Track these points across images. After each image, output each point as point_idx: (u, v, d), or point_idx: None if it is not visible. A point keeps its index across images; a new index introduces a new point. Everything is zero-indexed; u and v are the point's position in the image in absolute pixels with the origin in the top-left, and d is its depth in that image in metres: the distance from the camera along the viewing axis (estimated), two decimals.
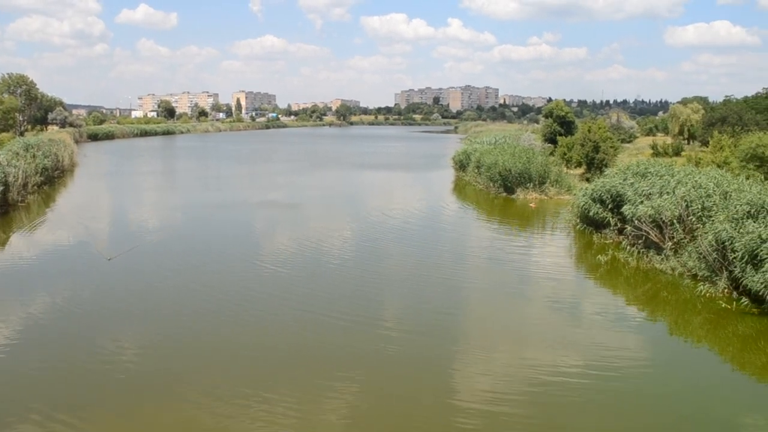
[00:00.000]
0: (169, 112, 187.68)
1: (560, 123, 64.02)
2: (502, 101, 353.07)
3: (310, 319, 17.11)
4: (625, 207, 24.64)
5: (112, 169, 61.71)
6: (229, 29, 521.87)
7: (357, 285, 20.77)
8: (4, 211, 32.42)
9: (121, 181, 52.06)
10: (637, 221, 23.27)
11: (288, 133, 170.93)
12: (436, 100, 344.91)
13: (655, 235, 22.50)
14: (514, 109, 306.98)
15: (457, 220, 35.06)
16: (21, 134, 75.31)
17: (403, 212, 35.75)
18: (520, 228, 31.37)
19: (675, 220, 21.74)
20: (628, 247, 23.86)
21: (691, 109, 72.58)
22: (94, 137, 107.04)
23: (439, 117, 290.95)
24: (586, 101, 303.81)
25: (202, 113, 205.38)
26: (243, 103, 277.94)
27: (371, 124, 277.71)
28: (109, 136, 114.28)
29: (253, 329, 16.51)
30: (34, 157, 43.94)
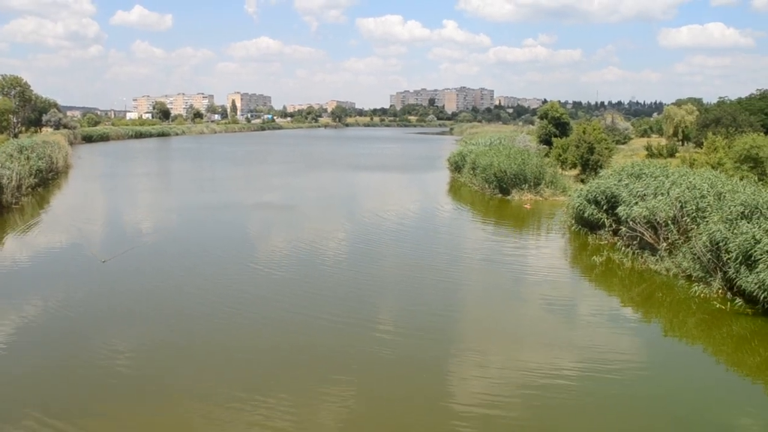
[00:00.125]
0: (164, 114, 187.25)
1: (555, 124, 64.20)
2: (497, 103, 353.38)
3: (305, 322, 17.08)
4: (620, 208, 24.69)
5: (106, 171, 61.51)
6: (225, 31, 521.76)
7: (352, 287, 20.75)
8: None
9: (116, 183, 51.90)
10: (631, 222, 23.32)
11: (283, 135, 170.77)
12: (432, 102, 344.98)
13: (650, 236, 22.55)
14: (510, 111, 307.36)
15: (452, 222, 35.08)
16: (15, 136, 75.12)
17: (399, 214, 35.74)
18: (516, 229, 31.41)
19: (669, 221, 21.80)
20: (623, 248, 23.90)
21: (685, 111, 72.83)
22: (88, 139, 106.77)
23: (435, 118, 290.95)
24: (581, 103, 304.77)
25: (198, 115, 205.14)
26: (238, 104, 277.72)
27: (367, 125, 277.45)
28: (104, 138, 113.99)
29: (248, 332, 16.48)
30: (28, 159, 43.83)
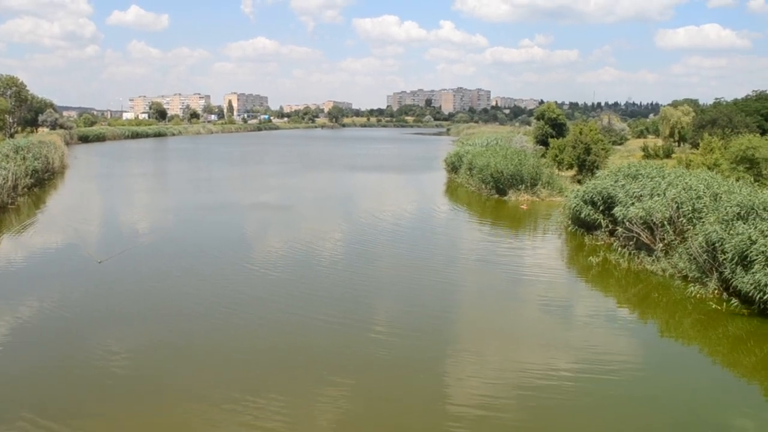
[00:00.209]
0: (161, 114, 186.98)
1: (552, 125, 64.24)
2: (494, 103, 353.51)
3: (302, 322, 17.07)
4: (617, 209, 24.73)
5: (103, 171, 61.39)
6: (221, 31, 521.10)
7: (348, 288, 20.74)
8: None
9: (112, 183, 51.81)
10: (628, 223, 23.36)
11: (280, 135, 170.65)
12: (428, 102, 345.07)
13: (646, 237, 22.60)
14: (506, 111, 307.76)
15: (449, 222, 35.11)
16: (11, 136, 74.86)
17: (395, 214, 35.74)
18: (512, 230, 31.44)
19: (666, 222, 21.85)
20: (620, 248, 23.93)
21: (681, 112, 72.96)
22: (84, 139, 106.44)
23: (431, 119, 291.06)
24: (577, 103, 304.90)
25: (194, 115, 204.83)
26: (235, 104, 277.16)
27: (363, 126, 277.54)
28: (100, 138, 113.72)
29: (245, 332, 16.46)
30: (24, 159, 43.70)
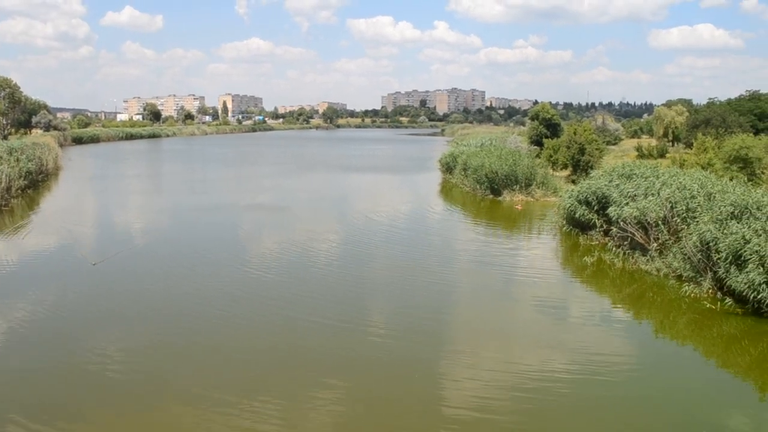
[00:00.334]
0: (155, 115, 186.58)
1: (546, 125, 64.40)
2: (488, 104, 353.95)
3: (297, 324, 17.04)
4: (611, 208, 24.77)
5: (97, 173, 61.19)
6: (215, 32, 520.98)
7: (344, 288, 20.73)
8: None
9: (107, 185, 51.64)
10: (622, 223, 23.41)
11: (274, 136, 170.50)
12: (423, 103, 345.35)
13: (641, 237, 22.64)
14: (501, 112, 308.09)
15: (443, 223, 35.12)
16: (4, 138, 74.50)
17: (390, 215, 35.74)
18: (507, 230, 31.47)
19: (660, 222, 21.90)
20: (614, 248, 23.97)
21: (675, 112, 73.26)
22: (78, 140, 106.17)
23: (426, 120, 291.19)
24: (571, 104, 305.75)
25: (188, 116, 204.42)
26: (229, 106, 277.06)
27: (358, 126, 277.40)
28: (94, 140, 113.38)
29: (240, 334, 16.42)
30: (17, 160, 43.53)
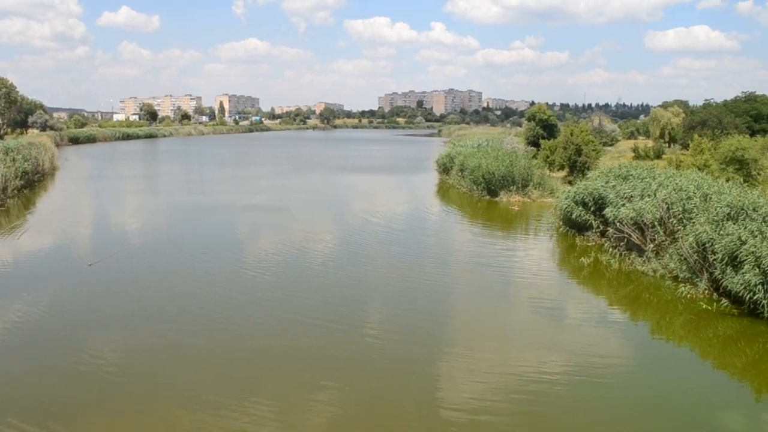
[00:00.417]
0: (152, 116, 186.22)
1: (543, 126, 64.48)
2: (485, 105, 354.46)
3: (293, 325, 17.01)
4: (607, 209, 24.80)
5: (93, 173, 61.05)
6: (212, 32, 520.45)
7: (340, 289, 20.70)
8: None
9: (103, 185, 51.53)
10: (619, 224, 23.44)
11: (271, 137, 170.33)
12: (420, 104, 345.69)
13: (637, 238, 22.67)
14: (498, 113, 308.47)
15: (440, 223, 35.12)
16: (0, 137, 74.35)
17: (387, 215, 35.74)
18: (504, 231, 31.48)
19: (656, 223, 21.93)
20: (611, 249, 23.99)
21: (671, 113, 73.37)
22: (75, 140, 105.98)
23: (423, 120, 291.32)
24: (568, 105, 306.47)
25: (185, 116, 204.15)
26: (226, 106, 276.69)
27: (355, 127, 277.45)
28: (91, 140, 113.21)
29: (235, 335, 16.38)
30: (14, 160, 43.43)
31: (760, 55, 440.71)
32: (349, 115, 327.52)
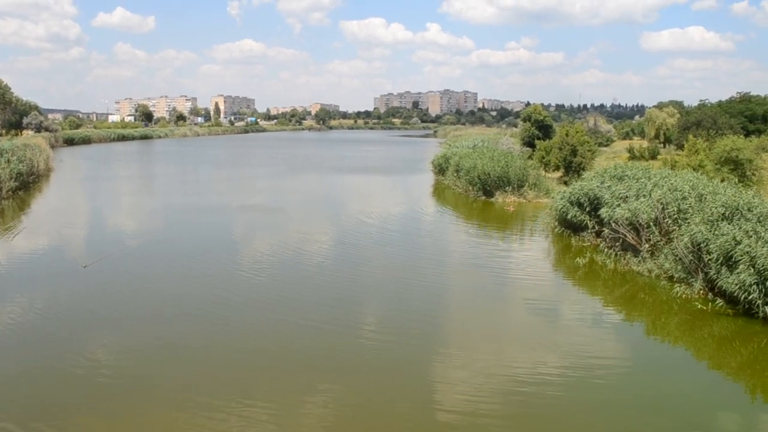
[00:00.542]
0: (147, 117, 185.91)
1: (538, 127, 64.55)
2: (480, 105, 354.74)
3: (288, 326, 17.00)
4: (603, 210, 24.85)
5: (88, 174, 60.92)
6: (208, 33, 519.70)
7: (336, 290, 20.68)
8: None
9: (98, 186, 51.42)
10: (614, 224, 23.48)
11: (267, 138, 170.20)
12: (416, 104, 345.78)
13: (632, 238, 22.71)
14: (493, 113, 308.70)
15: (436, 224, 35.12)
16: None
17: (383, 216, 35.73)
18: (499, 231, 31.49)
19: (651, 223, 21.98)
20: (606, 249, 24.04)
21: (666, 113, 73.55)
22: (70, 142, 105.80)
23: (419, 121, 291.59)
24: (563, 105, 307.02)
25: (181, 117, 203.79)
26: (222, 107, 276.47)
27: (351, 128, 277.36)
28: (86, 141, 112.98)
29: (231, 336, 16.35)
30: (8, 162, 43.37)
31: (755, 55, 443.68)
32: (345, 115, 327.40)
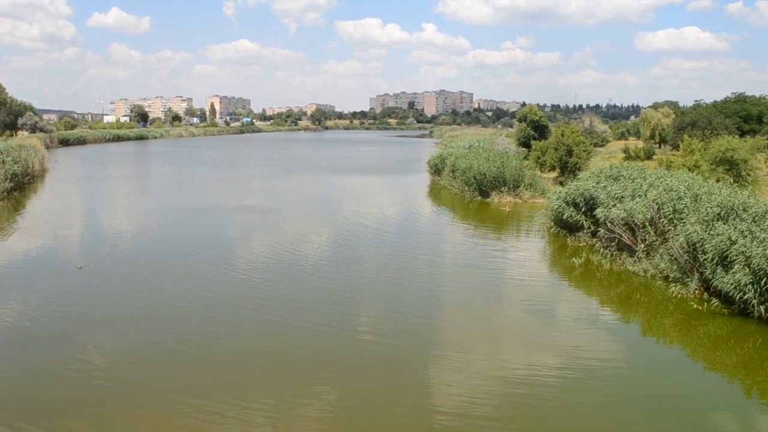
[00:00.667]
0: (143, 117, 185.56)
1: (534, 127, 64.69)
2: (476, 105, 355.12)
3: (284, 327, 16.96)
4: (598, 210, 24.88)
5: (84, 175, 60.75)
6: (203, 33, 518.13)
7: (332, 291, 20.64)
8: None
9: (94, 187, 51.29)
10: (610, 224, 23.51)
11: (263, 138, 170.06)
12: (411, 105, 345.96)
13: (628, 238, 22.75)
14: (489, 114, 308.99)
15: (432, 224, 35.13)
16: None
17: (379, 217, 35.73)
18: (495, 232, 31.52)
19: (647, 223, 22.02)
20: (602, 249, 24.07)
21: (662, 114, 73.74)
22: (65, 142, 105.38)
23: (414, 121, 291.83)
24: (559, 105, 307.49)
25: (176, 118, 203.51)
26: (217, 107, 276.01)
27: (347, 128, 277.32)
28: (81, 142, 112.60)
29: (227, 337, 16.30)
30: (3, 162, 43.24)
31: (750, 56, 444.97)
32: (341, 116, 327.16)
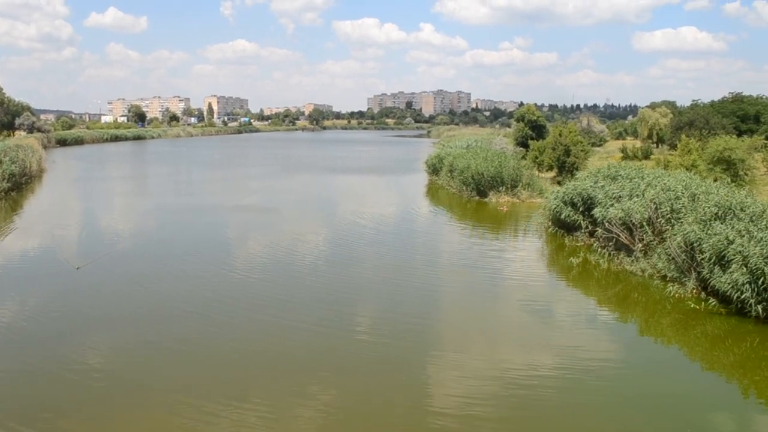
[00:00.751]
0: (140, 117, 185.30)
1: (532, 127, 64.72)
2: (474, 105, 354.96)
3: (282, 327, 16.96)
4: (596, 210, 24.91)
5: (81, 175, 60.64)
6: (201, 33, 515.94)
7: (330, 291, 20.65)
8: None
9: (91, 187, 51.21)
10: (607, 224, 23.54)
11: (261, 138, 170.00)
12: (409, 105, 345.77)
13: (626, 237, 22.78)
14: (486, 114, 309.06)
15: (430, 224, 35.14)
16: None
17: (377, 216, 35.73)
18: (493, 231, 31.53)
19: (645, 223, 22.04)
20: (599, 249, 24.10)
21: (659, 114, 73.90)
22: (62, 142, 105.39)
23: (412, 121, 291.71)
24: (557, 105, 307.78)
25: (174, 118, 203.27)
26: (215, 107, 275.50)
27: (344, 128, 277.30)
28: (79, 142, 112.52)
29: (224, 337, 16.29)
30: (0, 163, 43.17)
31: (747, 56, 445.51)
32: (338, 116, 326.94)
